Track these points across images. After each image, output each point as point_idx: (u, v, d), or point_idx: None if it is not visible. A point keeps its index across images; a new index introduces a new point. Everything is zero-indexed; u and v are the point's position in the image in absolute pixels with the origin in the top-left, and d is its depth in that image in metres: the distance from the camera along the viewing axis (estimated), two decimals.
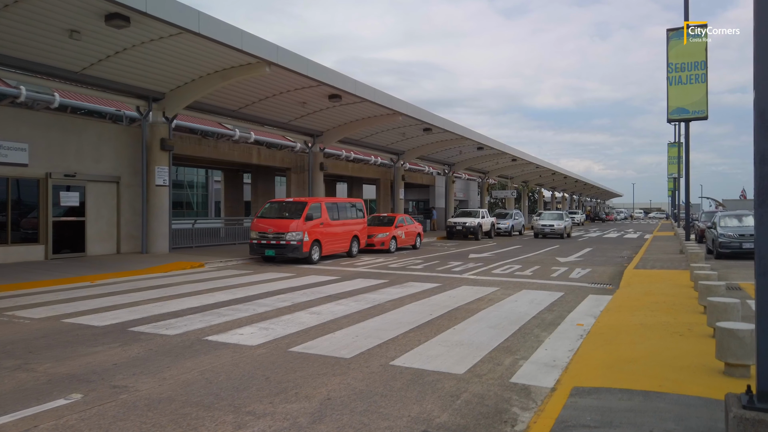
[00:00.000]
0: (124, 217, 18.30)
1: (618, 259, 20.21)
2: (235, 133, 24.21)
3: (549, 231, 33.60)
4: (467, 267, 16.86)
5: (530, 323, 8.64)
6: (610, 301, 10.37)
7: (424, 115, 25.96)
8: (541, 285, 13.06)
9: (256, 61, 16.59)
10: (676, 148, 48.07)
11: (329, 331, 7.87)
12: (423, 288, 12.35)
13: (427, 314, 9.25)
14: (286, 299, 10.60)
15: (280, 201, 18.85)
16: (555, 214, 36.32)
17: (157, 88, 17.79)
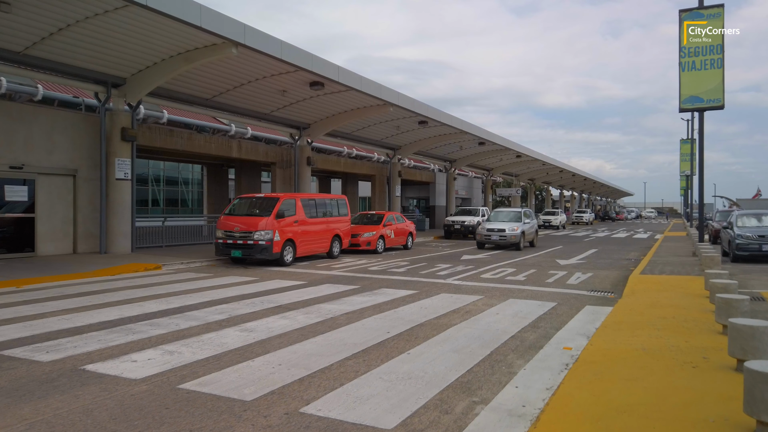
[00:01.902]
0: (82, 213, 16.78)
1: (624, 261, 18.45)
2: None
3: (498, 239, 22.36)
4: (455, 270, 15.19)
5: (506, 346, 6.98)
6: (609, 315, 8.68)
7: (417, 107, 24.28)
8: (531, 293, 11.38)
9: (221, 42, 15.00)
10: (688, 145, 46.16)
11: (248, 358, 6.25)
12: (394, 296, 10.72)
13: (384, 332, 7.61)
14: (225, 311, 9.00)
15: (250, 196, 17.23)
16: (511, 213, 24.69)
17: (117, 72, 16.24)
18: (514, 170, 50.82)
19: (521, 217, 23.57)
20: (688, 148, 46.63)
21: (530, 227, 24.18)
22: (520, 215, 23.81)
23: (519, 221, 23.20)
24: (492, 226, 22.88)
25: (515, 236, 22.17)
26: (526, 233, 23.32)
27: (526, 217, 24.13)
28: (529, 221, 24.18)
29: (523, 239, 22.65)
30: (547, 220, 46.42)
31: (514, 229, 22.38)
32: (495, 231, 22.49)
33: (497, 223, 23.30)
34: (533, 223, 24.95)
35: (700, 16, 18.41)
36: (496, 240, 22.28)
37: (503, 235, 22.29)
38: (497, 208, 49.04)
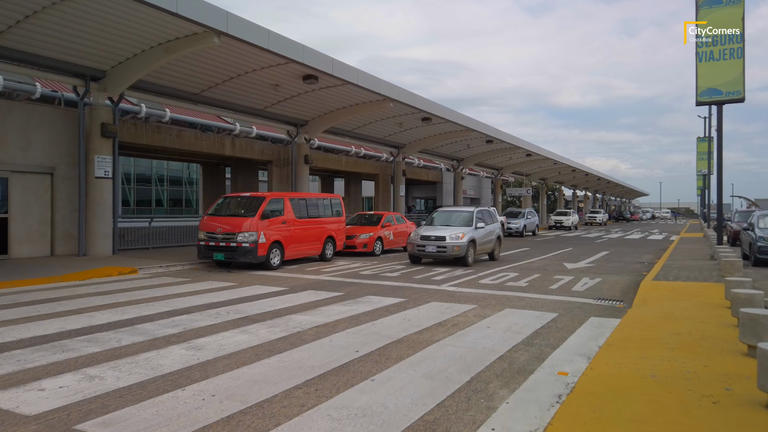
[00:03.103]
0: (60, 214, 15.93)
1: (636, 265, 17.27)
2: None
3: (435, 251, 15.99)
4: (453, 275, 14.13)
5: (491, 369, 5.93)
6: (615, 329, 7.62)
7: (419, 102, 23.21)
8: (531, 302, 10.30)
9: (202, 31, 14.08)
10: (705, 143, 44.68)
11: (179, 385, 5.26)
12: (378, 305, 9.69)
13: (353, 351, 6.60)
14: (181, 323, 8.03)
15: (235, 196, 16.27)
16: (459, 213, 17.76)
17: (95, 65, 15.37)
18: (524, 169, 49.56)
19: (472, 220, 16.80)
20: (705, 147, 45.16)
21: (486, 234, 17.28)
22: (471, 217, 16.99)
23: (468, 225, 16.57)
24: (428, 232, 16.14)
25: (459, 247, 15.62)
26: (479, 242, 16.62)
27: (481, 219, 17.30)
28: (485, 225, 17.26)
29: (472, 251, 16.09)
30: (559, 220, 45.11)
31: (458, 237, 15.73)
32: (431, 240, 15.85)
33: (437, 228, 16.57)
34: (492, 229, 17.92)
35: (719, 2, 17.19)
36: (432, 252, 15.83)
37: (442, 245, 15.68)
38: (509, 208, 47.91)
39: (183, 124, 21.96)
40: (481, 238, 16.88)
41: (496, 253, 18.40)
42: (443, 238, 15.80)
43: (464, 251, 15.76)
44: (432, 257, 16.32)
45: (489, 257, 18.18)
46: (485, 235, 17.27)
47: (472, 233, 16.34)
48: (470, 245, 16.08)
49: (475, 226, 16.69)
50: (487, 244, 17.56)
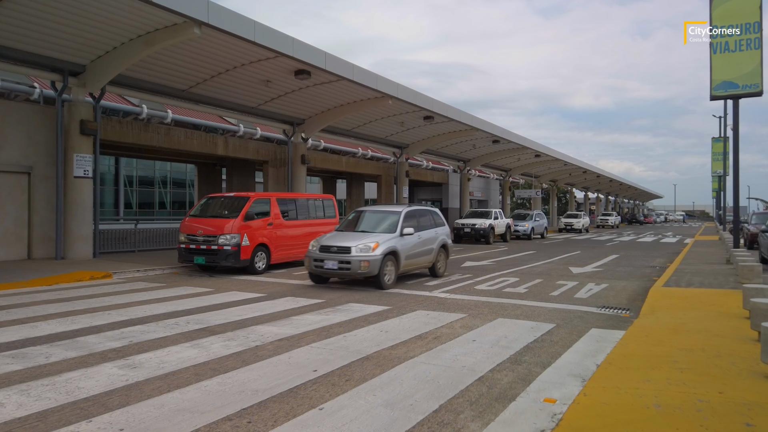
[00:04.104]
0: (38, 215, 15.20)
1: (647, 270, 16.25)
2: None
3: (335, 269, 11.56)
4: (448, 280, 13.22)
5: (466, 394, 5.03)
6: (618, 343, 6.69)
7: (420, 100, 22.32)
8: (528, 310, 9.37)
9: (182, 21, 13.31)
10: (721, 143, 43.38)
11: (87, 416, 4.42)
12: (358, 314, 8.82)
13: (311, 370, 5.73)
14: (130, 335, 7.19)
15: (219, 196, 15.47)
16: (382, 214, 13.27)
17: (73, 58, 14.65)
18: (533, 171, 48.48)
19: (396, 225, 12.36)
20: (720, 147, 43.85)
21: (419, 243, 12.82)
22: (397, 220, 12.49)
23: (390, 232, 12.21)
24: (331, 241, 11.78)
25: (368, 262, 11.16)
26: (406, 254, 12.25)
27: (411, 223, 12.82)
28: (414, 231, 12.63)
29: (392, 267, 11.75)
30: (569, 223, 44.02)
31: (369, 249, 11.35)
32: (332, 252, 11.51)
33: (346, 235, 12.20)
34: (430, 236, 13.43)
35: None
36: (332, 269, 11.43)
37: (345, 260, 11.27)
38: (516, 210, 46.84)
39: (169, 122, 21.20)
40: (410, 248, 12.41)
41: (439, 268, 13.74)
42: (347, 249, 11.30)
43: (377, 268, 11.19)
44: (332, 276, 11.81)
45: (431, 272, 13.70)
46: (418, 244, 12.75)
47: (393, 242, 11.81)
48: (388, 260, 11.57)
49: (400, 232, 12.18)
50: (421, 257, 12.97)
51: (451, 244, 14.59)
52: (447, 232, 14.43)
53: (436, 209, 14.89)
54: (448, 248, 14.33)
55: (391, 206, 13.77)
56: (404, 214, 12.81)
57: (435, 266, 13.70)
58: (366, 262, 11.21)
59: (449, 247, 14.41)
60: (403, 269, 12.37)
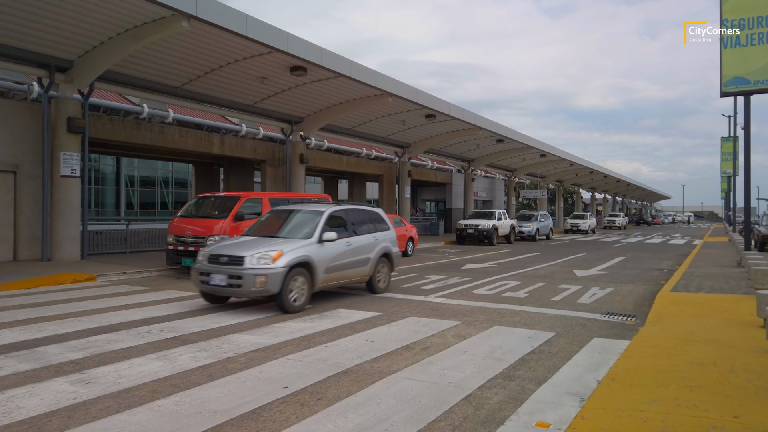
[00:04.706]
0: (24, 215, 14.77)
1: (654, 272, 15.64)
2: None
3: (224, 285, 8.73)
4: (445, 284, 12.67)
5: (449, 417, 4.49)
6: (622, 355, 6.16)
7: (421, 97, 21.78)
8: (527, 317, 8.82)
9: (170, 14, 12.84)
10: (730, 143, 42.64)
11: None
12: (345, 321, 8.29)
13: (282, 386, 5.20)
14: (94, 345, 6.69)
15: (209, 196, 14.97)
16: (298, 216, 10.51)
17: (60, 54, 14.21)
18: (539, 171, 47.83)
19: (315, 229, 9.74)
20: (729, 147, 43.11)
21: (348, 252, 10.22)
22: (316, 223, 9.87)
23: (306, 237, 9.59)
24: (224, 250, 9.14)
25: (267, 277, 8.55)
26: (328, 266, 9.66)
27: (337, 225, 10.29)
28: (335, 236, 9.84)
29: (304, 284, 9.12)
30: (575, 224, 43.36)
31: (268, 260, 8.68)
32: (221, 264, 8.89)
33: (245, 243, 9.47)
34: (366, 243, 10.80)
35: None
36: (219, 286, 8.80)
37: (236, 274, 8.66)
38: (521, 210, 46.23)
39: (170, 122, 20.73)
40: (333, 259, 9.74)
41: (379, 282, 11.14)
42: (239, 260, 8.64)
43: (277, 284, 8.55)
44: (222, 294, 9.15)
45: (367, 288, 11.17)
46: (345, 253, 10.10)
47: (306, 251, 9.15)
48: (297, 274, 8.92)
49: (319, 237, 9.54)
50: (351, 269, 10.32)
51: (397, 253, 11.82)
52: (392, 239, 11.71)
53: (378, 210, 12.10)
54: (392, 258, 11.57)
55: (315, 205, 11.08)
56: (327, 216, 10.11)
57: (372, 280, 10.98)
58: (262, 276, 8.46)
59: (394, 256, 11.64)
60: (323, 285, 9.69)
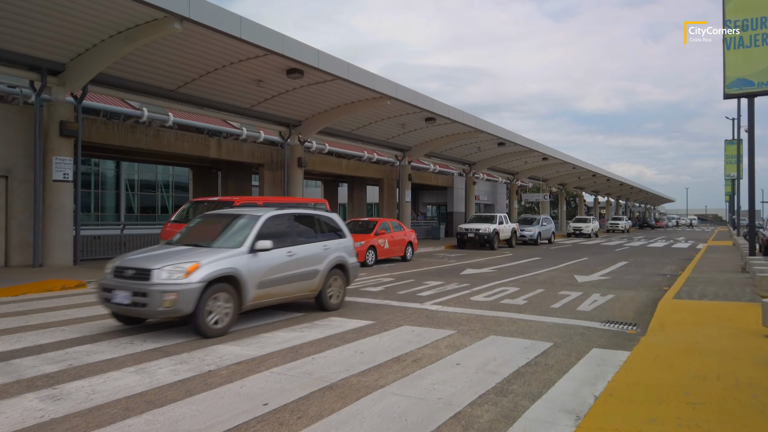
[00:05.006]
0: (16, 220, 14.56)
1: (657, 278, 15.34)
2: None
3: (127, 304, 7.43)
4: (443, 290, 12.40)
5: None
6: (621, 368, 5.90)
7: (420, 100, 21.55)
8: (524, 326, 8.54)
9: (163, 16, 12.64)
10: (734, 146, 42.28)
11: None
12: (336, 330, 8.03)
13: (262, 402, 4.95)
14: (72, 357, 6.44)
15: (202, 200, 14.75)
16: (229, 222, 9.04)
17: (52, 57, 14.03)
18: (541, 174, 47.56)
19: (247, 236, 8.36)
20: (733, 150, 42.75)
21: (289, 263, 8.79)
22: (249, 230, 8.50)
23: (236, 246, 8.16)
24: (131, 262, 7.76)
25: (177, 293, 7.13)
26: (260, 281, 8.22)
27: (274, 232, 8.71)
28: (270, 244, 8.34)
29: (228, 302, 7.72)
30: (578, 227, 43.04)
31: (182, 273, 7.29)
32: (126, 278, 7.55)
33: (160, 253, 8.08)
34: (313, 252, 9.43)
35: None
36: (123, 305, 7.47)
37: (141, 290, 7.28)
38: (523, 214, 45.90)
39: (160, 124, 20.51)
40: (269, 271, 8.35)
41: (330, 298, 9.71)
42: (146, 274, 7.31)
43: (191, 303, 7.18)
44: (126, 314, 7.80)
45: (316, 305, 9.70)
46: (286, 265, 8.69)
47: (232, 263, 7.78)
48: (218, 290, 7.53)
49: (251, 246, 8.14)
50: (294, 284, 8.89)
51: (353, 264, 10.39)
52: (347, 247, 10.28)
53: (332, 215, 10.62)
54: (347, 269, 10.11)
55: (252, 210, 9.46)
56: (263, 221, 8.64)
57: (322, 296, 9.55)
58: (172, 294, 7.02)
59: (349, 268, 10.18)
60: (255, 303, 8.23)
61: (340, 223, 10.57)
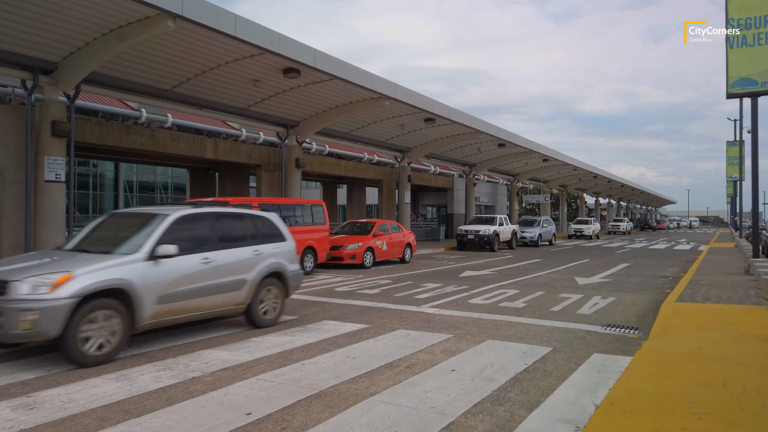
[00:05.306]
0: (8, 222, 14.30)
1: (659, 280, 15.09)
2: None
3: None
4: (440, 293, 12.15)
5: None
6: (623, 374, 5.65)
7: (419, 101, 21.30)
8: (523, 329, 8.29)
9: (155, 14, 12.37)
10: (736, 147, 42.01)
11: None
12: (329, 335, 7.79)
13: (245, 412, 4.71)
14: (53, 362, 6.21)
15: (197, 201, 14.50)
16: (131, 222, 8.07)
17: (44, 55, 13.77)
18: (542, 176, 47.29)
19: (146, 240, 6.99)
20: (735, 151, 42.49)
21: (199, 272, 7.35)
22: (150, 232, 7.10)
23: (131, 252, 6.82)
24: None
25: (38, 312, 5.80)
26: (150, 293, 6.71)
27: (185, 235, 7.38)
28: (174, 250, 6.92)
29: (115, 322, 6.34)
30: (579, 229, 42.80)
31: (47, 286, 5.92)
32: None
33: (43, 261, 6.71)
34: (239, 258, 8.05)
35: None
36: None
37: None
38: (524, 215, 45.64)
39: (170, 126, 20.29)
40: (175, 283, 7.00)
41: (263, 313, 8.34)
42: (2, 287, 6.03)
43: (58, 325, 5.88)
44: None
45: (247, 320, 8.34)
46: (200, 274, 7.36)
47: (120, 273, 6.48)
48: (97, 308, 6.23)
49: (150, 253, 6.82)
50: (211, 296, 7.50)
51: (295, 272, 9.02)
52: (287, 252, 8.92)
53: (269, 215, 9.21)
54: (286, 279, 8.74)
55: (161, 208, 8.00)
56: (171, 222, 7.22)
57: (252, 310, 8.14)
58: (32, 313, 5.79)
59: (289, 277, 8.81)
60: (155, 321, 6.85)
61: (279, 225, 9.19)
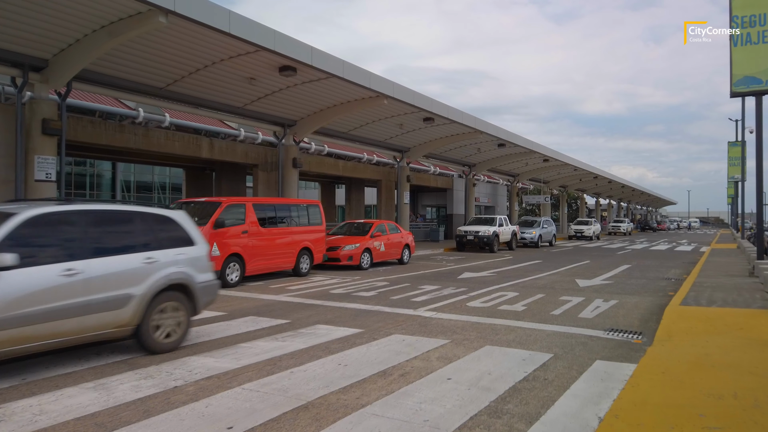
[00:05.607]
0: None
1: (662, 282, 14.80)
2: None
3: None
4: (438, 295, 11.87)
5: None
6: (627, 384, 5.38)
7: (418, 100, 21.02)
8: (523, 334, 8.01)
9: (146, 9, 12.10)
10: (738, 148, 41.73)
11: None
12: (321, 340, 7.50)
13: (225, 426, 4.43)
14: (30, 369, 5.93)
15: (188, 201, 14.22)
16: None
17: (34, 52, 13.50)
18: (542, 176, 47.00)
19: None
20: (737, 152, 42.20)
21: (54, 287, 5.58)
22: None
23: None
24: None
25: None
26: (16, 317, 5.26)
27: (35, 238, 5.70)
28: (11, 259, 5.22)
29: None
30: (579, 230, 42.51)
31: None
32: None
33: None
34: (122, 268, 6.27)
35: None
36: None
37: None
38: (524, 216, 45.35)
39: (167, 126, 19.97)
40: (15, 303, 5.33)
41: (158, 335, 6.68)
42: None
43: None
44: None
45: (138, 343, 6.66)
46: (61, 290, 5.69)
47: None
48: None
49: None
50: (77, 318, 5.83)
51: (205, 282, 7.34)
52: (194, 259, 7.25)
53: (173, 213, 7.48)
54: (193, 292, 7.08)
55: (12, 205, 6.27)
56: (18, 223, 5.54)
57: (142, 331, 6.48)
58: None
59: (196, 289, 7.12)
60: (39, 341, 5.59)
61: (185, 226, 7.38)
